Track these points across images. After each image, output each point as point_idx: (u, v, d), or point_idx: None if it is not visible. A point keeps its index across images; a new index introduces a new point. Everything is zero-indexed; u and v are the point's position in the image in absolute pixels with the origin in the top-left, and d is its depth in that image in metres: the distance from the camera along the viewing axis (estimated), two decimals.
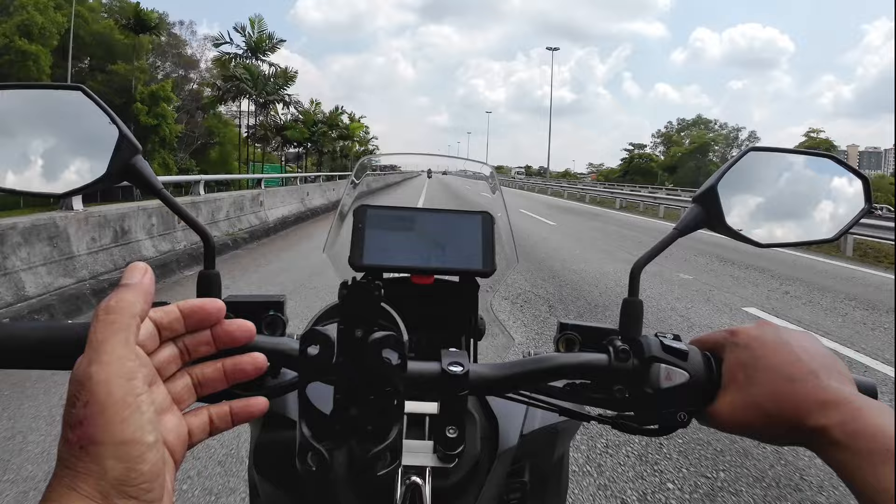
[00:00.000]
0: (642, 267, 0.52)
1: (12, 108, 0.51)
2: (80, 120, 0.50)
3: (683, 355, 0.48)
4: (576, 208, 22.23)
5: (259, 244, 8.67)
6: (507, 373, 0.49)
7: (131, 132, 0.50)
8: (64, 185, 0.50)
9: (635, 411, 0.49)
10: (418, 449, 0.53)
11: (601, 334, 0.52)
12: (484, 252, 0.62)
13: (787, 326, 0.47)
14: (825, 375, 0.41)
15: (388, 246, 0.62)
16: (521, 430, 0.61)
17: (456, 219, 0.64)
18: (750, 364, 0.44)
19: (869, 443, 0.36)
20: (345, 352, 0.44)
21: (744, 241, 0.55)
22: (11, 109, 0.51)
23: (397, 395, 0.45)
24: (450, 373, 0.47)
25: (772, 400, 0.42)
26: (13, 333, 0.46)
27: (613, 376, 0.49)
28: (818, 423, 0.39)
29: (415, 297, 0.65)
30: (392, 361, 0.44)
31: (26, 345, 0.45)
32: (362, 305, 0.44)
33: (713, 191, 0.53)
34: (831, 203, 0.57)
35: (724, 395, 0.46)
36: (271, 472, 0.61)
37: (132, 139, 0.49)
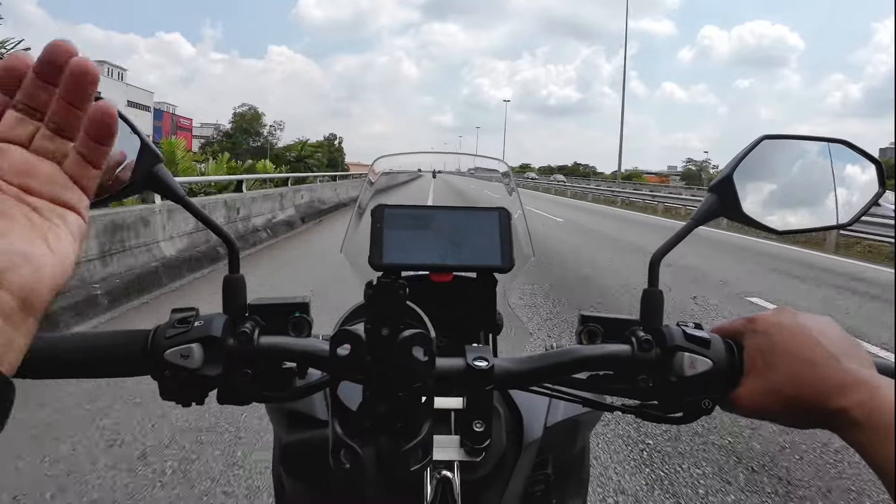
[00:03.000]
0: (661, 257, 0.53)
1: None
2: None
3: (706, 343, 0.48)
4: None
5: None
6: (531, 366, 0.50)
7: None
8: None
9: (659, 400, 0.50)
10: (445, 444, 0.54)
11: (623, 325, 0.53)
12: (502, 248, 0.63)
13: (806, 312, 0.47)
14: (844, 358, 0.42)
15: (406, 245, 0.62)
16: (544, 422, 0.62)
17: (473, 215, 0.65)
18: (769, 350, 0.45)
19: (888, 420, 0.37)
20: (373, 350, 0.44)
21: (760, 228, 0.55)
22: None
23: (426, 391, 0.45)
24: (475, 368, 0.48)
25: (792, 384, 0.43)
26: (79, 343, 0.48)
27: (637, 366, 0.49)
28: (838, 405, 0.39)
29: (434, 294, 0.66)
30: (420, 358, 0.44)
31: (93, 355, 0.48)
32: (388, 304, 0.45)
33: (728, 179, 0.54)
34: (845, 188, 0.57)
35: (745, 381, 0.46)
36: (300, 470, 0.62)
37: (153, 148, 0.50)
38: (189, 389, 0.47)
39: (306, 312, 0.53)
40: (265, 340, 0.49)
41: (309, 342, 0.49)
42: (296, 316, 0.52)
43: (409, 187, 18.27)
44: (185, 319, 0.48)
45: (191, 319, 0.48)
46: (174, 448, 2.34)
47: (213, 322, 0.48)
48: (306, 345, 0.49)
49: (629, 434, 2.59)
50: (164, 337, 0.47)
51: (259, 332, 0.49)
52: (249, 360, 0.48)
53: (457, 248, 0.63)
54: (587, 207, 22.01)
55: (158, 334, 0.48)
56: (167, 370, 0.46)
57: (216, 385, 0.48)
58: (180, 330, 0.47)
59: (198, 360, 0.46)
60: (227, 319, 0.49)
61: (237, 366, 0.48)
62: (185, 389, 0.47)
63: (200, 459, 2.26)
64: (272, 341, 0.49)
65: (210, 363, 0.47)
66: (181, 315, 0.49)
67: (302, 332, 0.52)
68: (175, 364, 0.46)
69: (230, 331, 0.48)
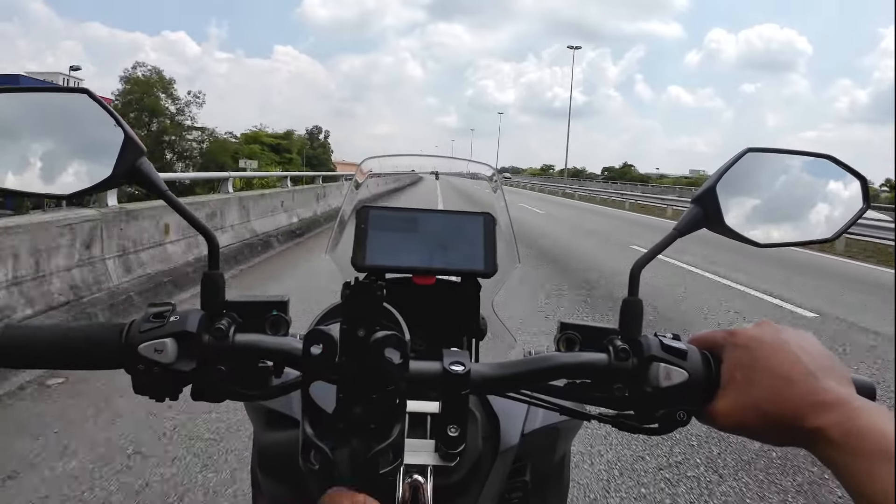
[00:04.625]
0: (642, 267, 0.53)
1: (19, 110, 0.52)
2: (85, 122, 0.51)
3: (682, 354, 0.48)
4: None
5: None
6: (508, 372, 0.50)
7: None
8: (69, 186, 0.50)
9: (635, 410, 0.50)
10: (420, 448, 0.54)
11: (601, 334, 0.53)
12: (486, 253, 0.62)
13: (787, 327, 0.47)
14: (823, 376, 0.42)
15: (390, 247, 0.62)
16: (522, 429, 0.61)
17: (458, 219, 0.65)
18: (748, 365, 0.45)
19: (865, 443, 0.36)
20: (347, 351, 0.44)
21: (742, 240, 0.55)
22: (18, 112, 0.52)
23: (399, 393, 0.45)
24: (451, 372, 0.48)
25: (770, 401, 0.42)
26: (56, 334, 0.48)
27: (613, 375, 0.49)
28: (815, 424, 0.39)
29: (416, 297, 0.66)
30: (394, 360, 0.44)
31: (68, 345, 0.48)
32: (365, 305, 0.45)
33: (712, 191, 0.54)
34: (829, 203, 0.57)
35: (722, 395, 0.46)
36: (275, 470, 0.62)
37: (137, 141, 0.50)
38: (162, 384, 0.47)
39: (284, 311, 0.52)
40: (240, 338, 0.49)
41: (284, 341, 0.49)
42: (273, 314, 0.52)
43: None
44: (161, 314, 0.48)
45: (166, 314, 0.48)
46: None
47: (188, 317, 0.48)
48: (281, 343, 0.49)
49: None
50: (139, 331, 0.47)
51: (235, 328, 0.49)
52: (224, 357, 0.48)
53: (440, 252, 0.63)
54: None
55: (133, 328, 0.48)
56: (140, 364, 0.46)
57: (190, 380, 0.48)
58: (155, 324, 0.47)
59: (171, 355, 0.46)
60: (203, 315, 0.49)
61: (211, 362, 0.48)
62: (158, 384, 0.47)
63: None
64: (247, 339, 0.49)
65: (184, 358, 0.47)
66: (157, 310, 0.49)
67: (279, 331, 0.52)
68: (148, 358, 0.46)
69: (206, 327, 0.48)
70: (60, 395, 2.80)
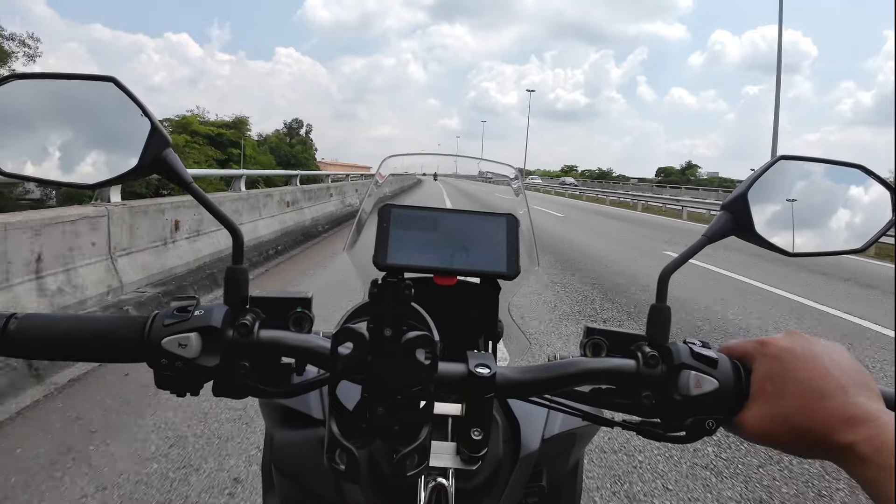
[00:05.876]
0: (671, 273, 0.52)
1: (42, 98, 0.51)
2: (111, 111, 0.50)
3: (713, 363, 0.47)
4: None
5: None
6: (534, 376, 0.49)
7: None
8: (95, 176, 0.50)
9: (661, 418, 0.49)
10: (442, 450, 0.53)
11: (628, 340, 0.52)
12: (508, 255, 0.62)
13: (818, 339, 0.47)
14: (854, 391, 0.41)
15: (412, 246, 0.62)
16: (542, 434, 0.61)
17: (480, 220, 0.64)
18: (779, 376, 0.44)
19: (893, 457, 0.36)
20: (375, 350, 0.44)
21: (772, 249, 0.54)
22: (41, 99, 0.51)
23: (426, 395, 0.44)
24: (477, 375, 0.47)
25: (800, 414, 0.42)
26: (75, 325, 0.48)
27: (641, 382, 0.49)
28: (846, 440, 0.39)
29: (436, 297, 0.65)
30: (423, 362, 0.43)
31: (88, 337, 0.47)
32: (393, 304, 0.44)
33: (743, 198, 0.53)
34: (859, 213, 0.57)
35: (752, 405, 0.45)
36: (290, 469, 0.61)
37: (163, 132, 0.49)
38: (185, 379, 0.46)
39: (308, 308, 0.52)
40: (265, 334, 0.48)
41: (309, 338, 0.48)
42: (297, 311, 0.51)
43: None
44: (185, 308, 0.47)
45: (191, 308, 0.47)
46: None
47: (213, 312, 0.47)
48: (306, 341, 0.48)
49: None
50: (163, 324, 0.46)
51: (259, 325, 0.48)
52: (247, 353, 0.47)
53: (462, 253, 0.63)
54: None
55: (157, 321, 0.47)
56: (164, 358, 0.45)
57: (213, 376, 0.47)
58: (179, 318, 0.46)
59: (195, 350, 0.46)
60: (227, 310, 0.48)
61: (235, 358, 0.47)
62: (180, 379, 0.46)
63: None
64: (272, 335, 0.48)
65: (207, 353, 0.46)
66: (181, 303, 0.48)
67: (303, 328, 0.51)
68: (172, 353, 0.45)
69: (230, 322, 0.48)
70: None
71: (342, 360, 0.43)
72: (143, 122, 0.49)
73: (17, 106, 0.49)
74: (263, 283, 5.50)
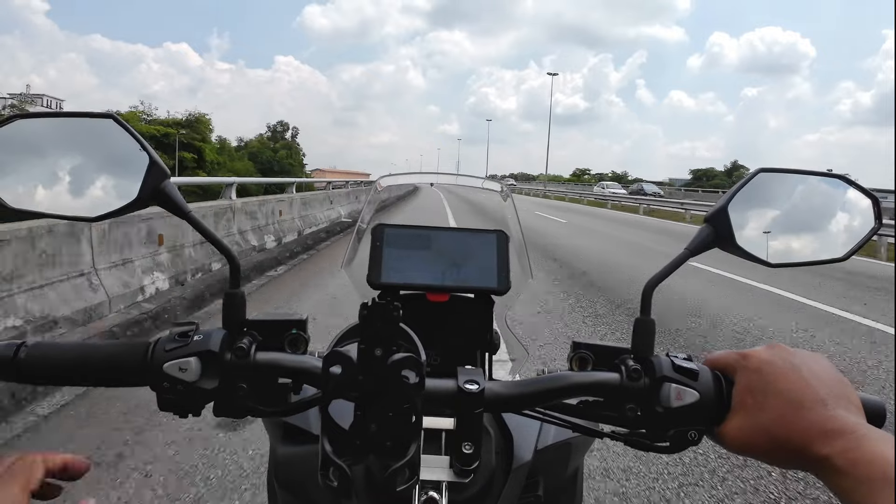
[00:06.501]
0: (654, 286, 0.53)
1: (47, 135, 0.54)
2: (111, 146, 0.52)
3: (694, 375, 0.49)
4: None
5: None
6: (521, 391, 0.50)
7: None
8: (97, 209, 0.52)
9: (647, 429, 0.50)
10: (435, 464, 0.55)
11: (614, 353, 0.53)
12: (499, 270, 0.63)
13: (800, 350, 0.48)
14: (833, 403, 0.42)
15: (405, 264, 0.63)
16: (535, 445, 0.62)
17: (471, 237, 0.66)
18: (759, 389, 0.45)
19: (869, 470, 0.37)
20: (365, 370, 0.45)
21: (754, 260, 0.55)
22: (46, 136, 0.54)
23: (415, 411, 0.46)
24: (466, 391, 0.49)
25: (779, 426, 0.43)
26: (81, 351, 0.50)
27: (625, 395, 0.50)
28: (822, 452, 0.40)
29: (431, 312, 0.67)
30: (410, 380, 0.45)
31: (94, 363, 0.50)
32: (382, 326, 0.46)
33: (724, 211, 0.54)
34: (841, 223, 0.58)
35: (733, 416, 0.47)
36: (291, 483, 0.63)
37: (161, 164, 0.52)
38: (186, 401, 0.48)
39: (303, 330, 0.54)
40: (261, 356, 0.50)
41: (303, 359, 0.50)
42: (292, 333, 0.53)
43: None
44: (185, 333, 0.49)
45: (190, 333, 0.49)
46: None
47: (211, 337, 0.49)
48: (301, 361, 0.50)
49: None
50: (164, 350, 0.49)
51: (256, 347, 0.50)
52: (245, 375, 0.49)
53: (454, 269, 0.64)
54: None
55: (158, 347, 0.49)
56: (165, 382, 0.48)
57: (213, 398, 0.49)
58: (179, 343, 0.49)
59: (195, 374, 0.48)
60: (225, 334, 0.50)
61: (233, 380, 0.49)
62: (182, 401, 0.48)
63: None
64: (268, 357, 0.50)
65: (207, 377, 0.48)
66: (181, 329, 0.50)
67: (298, 349, 0.53)
68: (173, 376, 0.47)
69: (228, 345, 0.50)
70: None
71: (333, 380, 0.45)
72: (142, 155, 0.51)
73: (21, 144, 0.52)
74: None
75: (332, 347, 0.47)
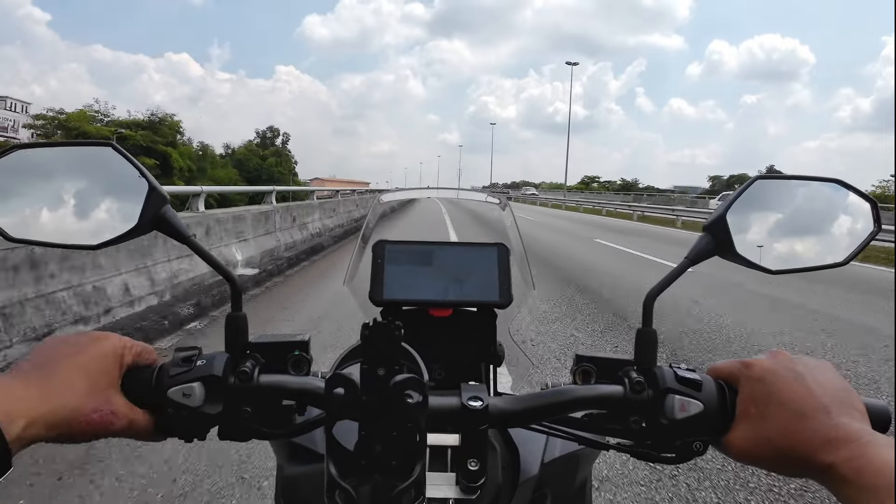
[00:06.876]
0: (655, 297, 0.53)
1: (47, 164, 0.54)
2: (110, 174, 0.53)
3: (697, 386, 0.49)
4: None
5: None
6: (525, 406, 0.50)
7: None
8: (98, 237, 0.52)
9: (652, 440, 0.50)
10: (441, 481, 0.55)
11: (616, 365, 0.53)
12: (500, 284, 0.63)
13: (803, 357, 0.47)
14: (836, 411, 0.42)
15: (406, 280, 0.63)
16: (541, 458, 0.62)
17: (472, 251, 0.66)
18: (763, 398, 0.45)
19: (874, 479, 0.37)
20: (368, 391, 0.45)
21: (754, 268, 0.55)
22: (47, 166, 0.54)
23: (419, 430, 0.46)
24: (469, 407, 0.48)
25: (783, 435, 0.43)
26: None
27: (629, 407, 0.50)
28: (827, 460, 0.39)
29: (434, 327, 0.67)
30: (413, 400, 0.45)
31: None
32: (384, 346, 0.46)
33: (722, 220, 0.54)
34: (840, 227, 0.58)
35: (737, 426, 0.47)
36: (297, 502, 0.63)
37: (161, 190, 0.52)
38: (190, 426, 0.48)
39: (306, 351, 0.54)
40: (265, 378, 0.50)
41: (307, 381, 0.50)
42: (295, 354, 0.53)
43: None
44: (189, 358, 0.50)
45: (194, 358, 0.50)
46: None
47: (214, 361, 0.49)
48: (304, 383, 0.50)
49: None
50: (168, 375, 0.49)
51: (259, 370, 0.50)
52: (249, 398, 0.49)
53: (456, 284, 0.64)
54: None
55: (162, 372, 0.49)
56: (170, 408, 0.48)
57: (217, 422, 0.49)
58: (183, 369, 0.49)
59: (199, 399, 0.48)
60: (228, 358, 0.50)
61: (237, 403, 0.49)
62: (186, 426, 0.48)
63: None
64: (271, 379, 0.50)
65: (211, 401, 0.48)
66: (184, 354, 0.50)
67: (301, 370, 0.53)
68: (177, 402, 0.48)
69: (231, 369, 0.50)
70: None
71: (336, 401, 0.45)
72: (141, 182, 0.52)
73: (21, 175, 0.52)
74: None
75: (335, 369, 0.47)
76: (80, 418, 0.44)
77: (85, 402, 0.44)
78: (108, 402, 0.46)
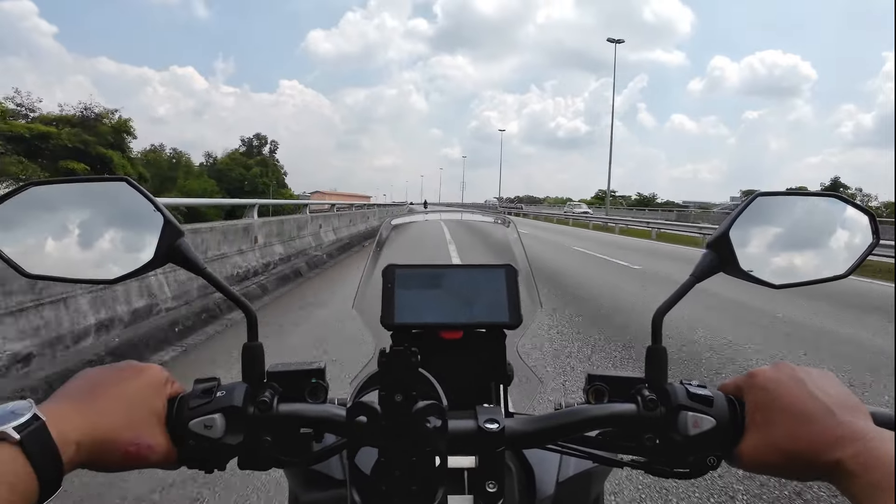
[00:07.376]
0: (663, 314, 0.54)
1: (61, 201, 0.55)
2: (125, 208, 0.54)
3: (709, 402, 0.49)
4: None
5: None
6: (540, 427, 0.51)
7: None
8: (115, 271, 0.53)
9: (666, 457, 0.51)
10: None
11: (629, 384, 0.54)
12: (510, 305, 0.64)
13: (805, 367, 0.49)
14: (840, 412, 0.43)
15: (417, 304, 0.64)
16: (556, 477, 0.62)
17: (480, 273, 0.67)
18: (767, 406, 0.47)
19: (881, 473, 0.38)
20: (387, 417, 0.46)
21: (758, 283, 0.57)
22: (60, 202, 0.55)
23: (439, 454, 0.47)
24: (486, 430, 0.49)
25: (789, 439, 0.44)
26: None
27: (643, 424, 0.51)
28: (834, 458, 0.40)
29: (444, 349, 0.68)
30: (432, 424, 0.46)
31: None
32: (401, 372, 0.47)
33: (725, 237, 0.55)
34: (840, 240, 0.59)
35: (747, 437, 0.48)
36: None
37: (175, 224, 0.53)
38: (212, 457, 0.49)
39: (322, 378, 0.54)
40: (284, 408, 0.51)
41: (326, 408, 0.51)
42: (312, 382, 0.54)
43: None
44: (209, 390, 0.50)
45: (213, 390, 0.50)
46: None
47: (234, 392, 0.50)
48: (322, 411, 0.51)
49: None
50: (188, 407, 0.49)
51: (278, 399, 0.51)
52: (268, 427, 0.50)
53: (466, 306, 0.65)
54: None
55: (183, 404, 0.50)
56: (192, 439, 0.48)
57: (237, 453, 0.49)
58: (204, 400, 0.49)
59: (220, 430, 0.48)
60: (247, 388, 0.51)
61: (257, 433, 0.49)
62: (207, 457, 0.49)
63: None
64: (290, 408, 0.51)
65: (232, 432, 0.49)
66: (204, 385, 0.51)
67: (318, 398, 0.54)
68: (199, 434, 0.48)
69: (250, 399, 0.50)
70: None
71: (359, 429, 0.46)
72: (156, 216, 0.53)
73: (35, 211, 0.53)
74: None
75: (354, 397, 0.48)
76: (118, 449, 0.45)
77: (123, 433, 0.45)
78: (146, 434, 0.46)
